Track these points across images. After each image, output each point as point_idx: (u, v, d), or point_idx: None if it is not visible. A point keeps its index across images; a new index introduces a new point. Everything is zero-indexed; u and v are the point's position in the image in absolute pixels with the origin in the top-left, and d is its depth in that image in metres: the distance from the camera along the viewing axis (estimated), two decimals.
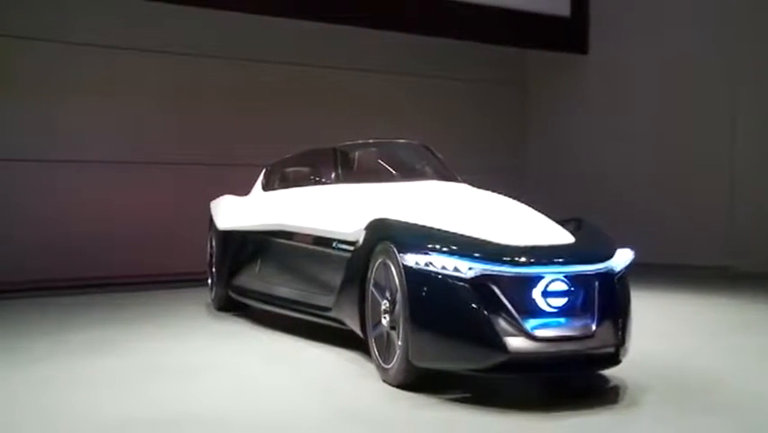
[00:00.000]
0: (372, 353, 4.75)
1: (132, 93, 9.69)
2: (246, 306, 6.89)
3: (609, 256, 4.37)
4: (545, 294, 4.12)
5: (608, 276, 4.32)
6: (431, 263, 4.19)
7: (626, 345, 4.28)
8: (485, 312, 4.04)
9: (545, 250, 4.27)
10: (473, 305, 4.06)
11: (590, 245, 4.48)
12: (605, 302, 4.24)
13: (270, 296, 6.34)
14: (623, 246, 4.60)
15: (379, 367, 4.67)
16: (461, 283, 4.10)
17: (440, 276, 4.15)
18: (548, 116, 13.08)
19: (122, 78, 9.63)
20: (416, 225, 4.56)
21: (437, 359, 4.23)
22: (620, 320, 4.25)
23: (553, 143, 12.90)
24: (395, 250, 4.41)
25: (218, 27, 10.08)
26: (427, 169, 6.25)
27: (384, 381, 4.57)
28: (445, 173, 6.20)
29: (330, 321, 5.45)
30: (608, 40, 12.14)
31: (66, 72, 9.32)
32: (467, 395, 4.29)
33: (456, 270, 4.13)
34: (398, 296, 4.37)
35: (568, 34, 12.21)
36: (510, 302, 4.09)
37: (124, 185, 9.51)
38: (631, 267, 4.55)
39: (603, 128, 12.17)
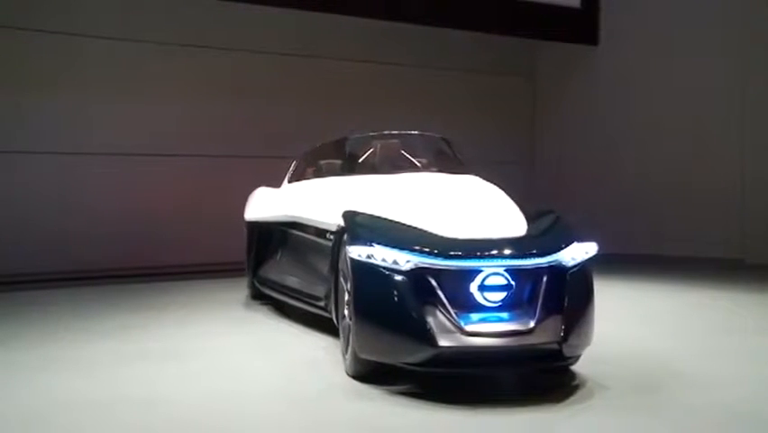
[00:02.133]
0: (341, 343, 4.81)
1: (189, 88, 10.09)
2: None
3: (557, 250, 4.22)
4: (482, 288, 4.05)
5: (556, 270, 4.18)
6: (372, 255, 4.21)
7: (573, 341, 4.13)
8: (418, 306, 4.02)
9: (487, 243, 4.18)
10: (408, 298, 4.05)
11: (540, 239, 4.32)
12: (550, 297, 4.11)
13: (282, 286, 6.49)
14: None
15: (343, 357, 4.72)
16: (398, 276, 4.11)
17: (380, 268, 4.16)
18: (557, 108, 12.97)
19: (174, 74, 10.03)
20: (370, 216, 4.60)
21: (376, 351, 4.24)
22: (567, 316, 4.10)
23: (562, 135, 12.79)
24: (347, 242, 4.46)
25: (262, 23, 10.33)
26: (433, 160, 6.19)
27: (345, 372, 4.62)
28: (452, 165, 6.12)
29: (322, 311, 5.54)
30: (618, 31, 12.00)
31: (135, 68, 9.79)
32: (412, 388, 4.26)
33: (395, 262, 4.13)
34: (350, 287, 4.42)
35: (578, 26, 12.01)
36: (447, 296, 4.05)
37: (178, 177, 9.91)
38: (591, 261, 4.40)
39: (613, 120, 12.05)
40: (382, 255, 4.17)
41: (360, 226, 4.50)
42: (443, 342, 3.94)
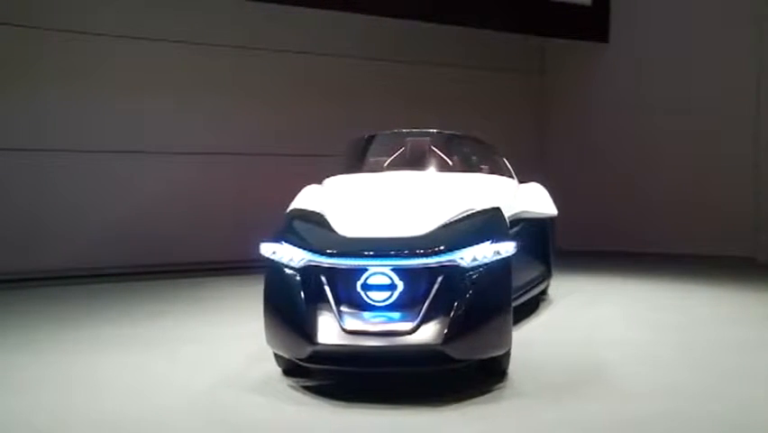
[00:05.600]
0: None
1: (248, 90, 10.48)
2: None
3: (450, 250, 4.06)
4: (366, 287, 4.04)
5: (452, 271, 4.05)
6: (276, 252, 4.31)
7: (464, 343, 3.97)
8: (307, 302, 4.08)
9: (376, 243, 4.14)
10: (298, 294, 4.13)
11: (436, 239, 4.18)
12: (440, 298, 3.99)
13: None
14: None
15: None
16: (293, 273, 4.19)
17: (280, 265, 4.27)
18: (567, 105, 12.66)
19: (236, 77, 10.41)
20: (301, 215, 4.74)
21: (276, 345, 4.33)
22: (456, 317, 3.95)
23: (572, 133, 12.48)
24: None
25: (315, 25, 10.56)
26: (440, 160, 6.06)
27: None
28: (463, 164, 6.01)
29: None
30: (629, 28, 11.72)
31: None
32: (327, 383, 4.32)
33: (291, 260, 4.22)
34: None
35: (589, 23, 11.69)
36: (336, 294, 4.08)
37: (251, 175, 10.29)
38: (503, 262, 4.18)
39: (624, 118, 11.74)
40: (283, 253, 4.27)
41: (283, 224, 4.61)
42: (322, 339, 3.97)
